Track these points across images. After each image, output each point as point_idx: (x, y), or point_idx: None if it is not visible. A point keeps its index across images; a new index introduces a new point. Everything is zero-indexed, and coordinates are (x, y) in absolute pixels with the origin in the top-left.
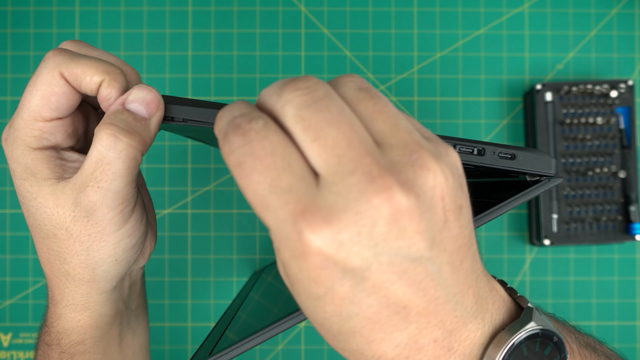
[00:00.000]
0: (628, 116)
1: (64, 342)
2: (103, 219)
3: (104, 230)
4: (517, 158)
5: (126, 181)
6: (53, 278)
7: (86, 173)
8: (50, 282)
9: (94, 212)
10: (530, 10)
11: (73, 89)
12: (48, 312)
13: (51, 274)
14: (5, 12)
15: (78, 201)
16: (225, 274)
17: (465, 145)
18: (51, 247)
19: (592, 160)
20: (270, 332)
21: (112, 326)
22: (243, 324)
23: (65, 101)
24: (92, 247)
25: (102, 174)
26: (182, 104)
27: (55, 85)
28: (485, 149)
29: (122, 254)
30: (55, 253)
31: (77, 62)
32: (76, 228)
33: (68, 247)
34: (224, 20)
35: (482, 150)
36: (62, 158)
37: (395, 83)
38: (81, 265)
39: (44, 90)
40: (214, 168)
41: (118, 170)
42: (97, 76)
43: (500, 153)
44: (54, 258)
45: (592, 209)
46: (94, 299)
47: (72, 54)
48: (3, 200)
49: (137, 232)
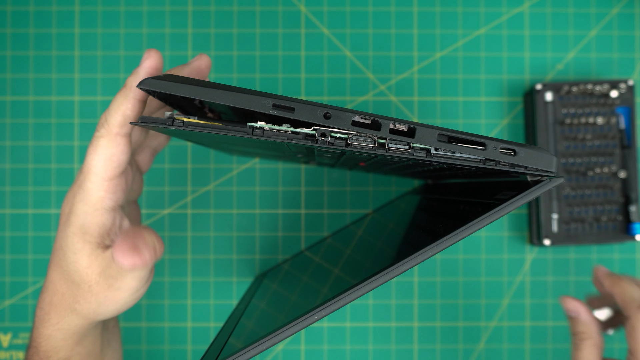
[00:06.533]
0: (628, 116)
1: (52, 359)
2: (123, 290)
3: (120, 295)
4: (518, 154)
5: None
6: (57, 306)
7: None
8: (51, 306)
9: (115, 284)
10: (530, 10)
11: (129, 143)
12: (35, 333)
13: (58, 302)
14: (4, 12)
15: (106, 272)
16: (225, 274)
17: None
18: (70, 288)
19: (592, 160)
20: (279, 337)
21: (95, 344)
22: (248, 331)
23: (124, 157)
24: (105, 303)
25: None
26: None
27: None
28: (486, 143)
29: (127, 307)
30: (71, 293)
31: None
32: (97, 289)
33: (84, 296)
34: (224, 20)
35: (484, 144)
36: (115, 224)
37: (395, 83)
38: (90, 309)
39: (107, 153)
40: (214, 168)
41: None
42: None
43: (502, 148)
44: (69, 295)
45: (592, 209)
46: (86, 328)
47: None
48: (3, 200)
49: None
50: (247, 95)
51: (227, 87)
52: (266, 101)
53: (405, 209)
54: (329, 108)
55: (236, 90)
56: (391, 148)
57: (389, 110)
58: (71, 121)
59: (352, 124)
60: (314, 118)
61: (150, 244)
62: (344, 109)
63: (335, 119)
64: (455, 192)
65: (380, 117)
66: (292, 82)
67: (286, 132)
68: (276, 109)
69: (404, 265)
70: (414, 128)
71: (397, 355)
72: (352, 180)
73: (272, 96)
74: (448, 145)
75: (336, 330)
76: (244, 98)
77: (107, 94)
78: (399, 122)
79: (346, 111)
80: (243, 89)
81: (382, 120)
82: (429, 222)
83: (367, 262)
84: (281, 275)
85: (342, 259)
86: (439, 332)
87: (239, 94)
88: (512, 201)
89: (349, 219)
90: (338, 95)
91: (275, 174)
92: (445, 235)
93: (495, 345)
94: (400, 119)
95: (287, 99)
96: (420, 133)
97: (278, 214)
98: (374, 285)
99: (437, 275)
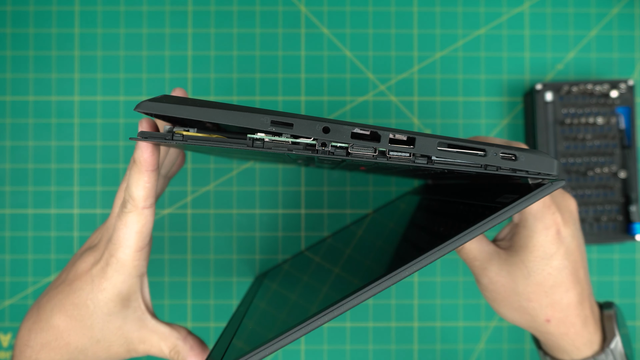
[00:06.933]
0: (628, 116)
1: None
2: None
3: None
4: (519, 159)
5: None
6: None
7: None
8: (46, 349)
9: (136, 350)
10: (531, 10)
11: (154, 210)
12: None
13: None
14: (4, 12)
15: (133, 336)
16: (225, 274)
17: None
18: (81, 340)
19: (592, 160)
20: (288, 339)
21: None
22: (251, 332)
23: (151, 225)
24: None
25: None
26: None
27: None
28: (487, 149)
29: None
30: (81, 345)
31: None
32: (115, 349)
33: (96, 351)
34: (224, 20)
35: (484, 150)
36: (145, 283)
37: (395, 83)
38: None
39: (138, 226)
40: (213, 168)
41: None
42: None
43: (502, 153)
44: (75, 346)
45: (593, 209)
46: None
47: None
48: (3, 200)
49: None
50: (244, 113)
51: (224, 105)
52: (264, 118)
53: (405, 209)
54: (328, 122)
55: (233, 109)
56: (392, 156)
57: (389, 110)
58: (71, 121)
59: (351, 137)
60: (313, 133)
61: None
62: (343, 122)
63: (335, 133)
64: (456, 193)
65: (379, 128)
66: (292, 82)
67: (286, 143)
68: (275, 125)
69: (409, 268)
70: (414, 138)
71: (397, 355)
72: (352, 181)
73: (270, 113)
74: (448, 153)
75: (336, 330)
76: (242, 116)
77: (107, 94)
78: (399, 132)
79: (345, 124)
80: (240, 107)
81: (381, 131)
82: (431, 223)
83: (368, 262)
84: (281, 276)
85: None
86: (439, 332)
87: (236, 113)
88: (514, 205)
89: (349, 219)
90: (338, 95)
91: (275, 174)
92: (450, 238)
93: (495, 345)
94: (400, 129)
95: (285, 115)
96: (420, 142)
97: (278, 214)
98: (385, 285)
99: (437, 275)
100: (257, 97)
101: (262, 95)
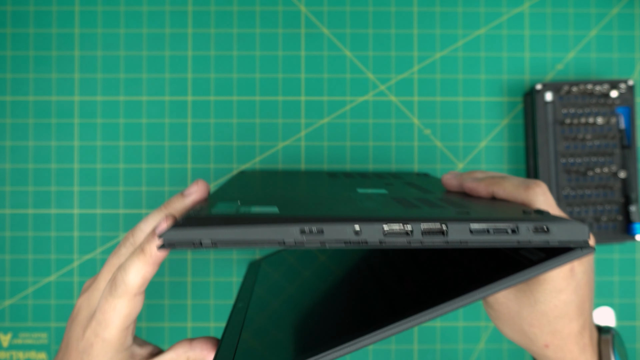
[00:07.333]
0: (628, 116)
1: None
2: None
3: None
4: (551, 231)
5: None
6: None
7: None
8: None
9: None
10: (531, 10)
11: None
12: None
13: None
14: (4, 12)
15: None
16: (225, 274)
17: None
18: None
19: (592, 160)
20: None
21: None
22: (259, 325)
23: (139, 309)
24: None
25: None
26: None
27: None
28: (519, 227)
29: None
30: None
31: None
32: None
33: None
34: (224, 20)
35: (516, 228)
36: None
37: (395, 83)
38: None
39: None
40: (213, 168)
41: None
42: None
43: (535, 228)
44: None
45: (592, 209)
46: None
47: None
48: (3, 200)
49: None
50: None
51: (252, 220)
52: (294, 229)
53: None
54: (359, 221)
55: (261, 223)
56: (425, 241)
57: (389, 110)
58: (71, 121)
59: (383, 235)
60: (345, 236)
61: None
62: (374, 218)
63: (366, 233)
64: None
65: (410, 220)
66: (292, 82)
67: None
68: (305, 235)
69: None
70: (446, 229)
71: (397, 355)
72: None
73: (299, 220)
74: (480, 236)
75: None
76: (272, 231)
77: (107, 94)
78: (430, 222)
79: (376, 222)
80: (267, 218)
81: (414, 224)
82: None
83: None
84: (280, 262)
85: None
86: (439, 332)
87: (265, 228)
88: (542, 265)
89: None
90: (338, 95)
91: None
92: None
93: (495, 345)
94: (430, 217)
95: (314, 221)
96: (452, 230)
97: None
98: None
99: None
100: (257, 97)
101: (262, 96)
